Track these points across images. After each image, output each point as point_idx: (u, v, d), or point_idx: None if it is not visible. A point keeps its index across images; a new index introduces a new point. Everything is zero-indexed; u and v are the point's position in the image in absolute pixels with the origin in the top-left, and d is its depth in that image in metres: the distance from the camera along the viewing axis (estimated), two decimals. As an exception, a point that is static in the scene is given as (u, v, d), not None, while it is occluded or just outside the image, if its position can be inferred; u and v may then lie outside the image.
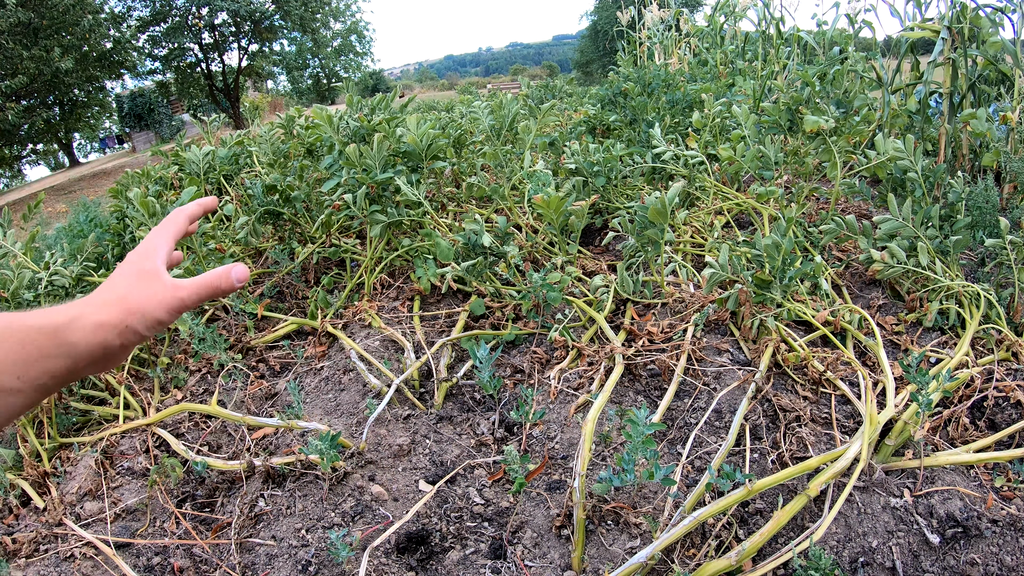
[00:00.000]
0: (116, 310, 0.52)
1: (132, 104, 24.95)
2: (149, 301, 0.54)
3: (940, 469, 1.32)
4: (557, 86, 4.73)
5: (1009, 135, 2.45)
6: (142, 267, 0.57)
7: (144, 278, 0.56)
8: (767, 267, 1.73)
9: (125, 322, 0.52)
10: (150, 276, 0.56)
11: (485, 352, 1.45)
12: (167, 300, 0.55)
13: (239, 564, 1.29)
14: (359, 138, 2.41)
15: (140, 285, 0.55)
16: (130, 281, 0.55)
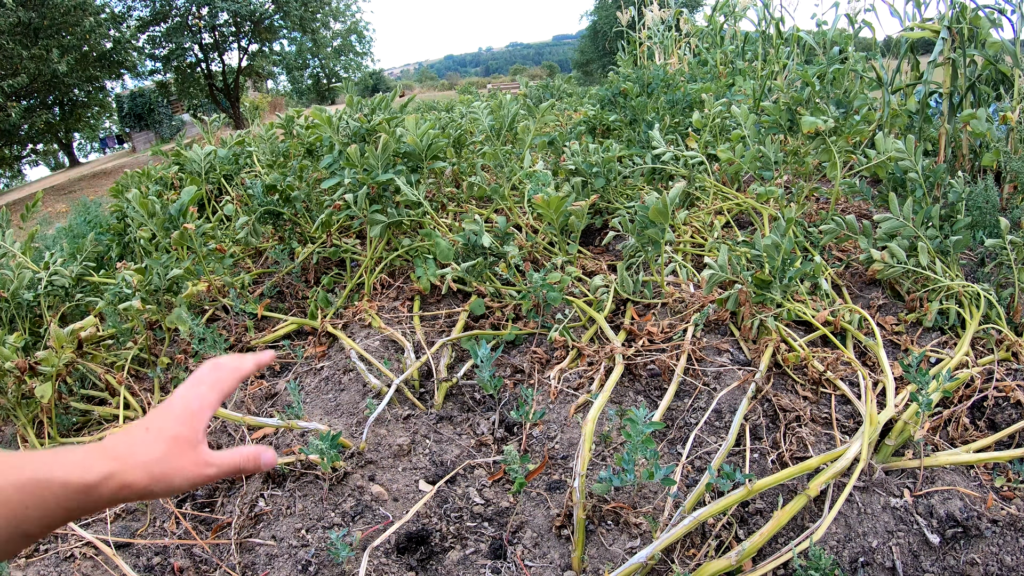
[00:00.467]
0: (144, 476, 0.53)
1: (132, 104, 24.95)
2: (178, 473, 0.54)
3: (940, 469, 1.32)
4: (556, 86, 4.73)
5: (1009, 135, 2.45)
6: (181, 433, 0.56)
7: (180, 446, 0.55)
8: (767, 267, 1.73)
9: (149, 488, 0.53)
10: (186, 447, 0.56)
11: (485, 352, 1.45)
12: (194, 476, 0.56)
13: (239, 564, 1.29)
14: (359, 138, 2.41)
15: (174, 453, 0.55)
16: (166, 446, 0.55)
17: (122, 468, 0.51)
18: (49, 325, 1.86)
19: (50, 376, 1.70)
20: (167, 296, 1.96)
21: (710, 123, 2.66)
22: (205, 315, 2.26)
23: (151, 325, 2.15)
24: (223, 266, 2.18)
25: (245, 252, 2.60)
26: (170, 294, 1.96)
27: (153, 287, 1.91)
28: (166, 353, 2.09)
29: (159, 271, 1.91)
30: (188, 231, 2.03)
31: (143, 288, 1.89)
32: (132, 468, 0.52)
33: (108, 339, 2.14)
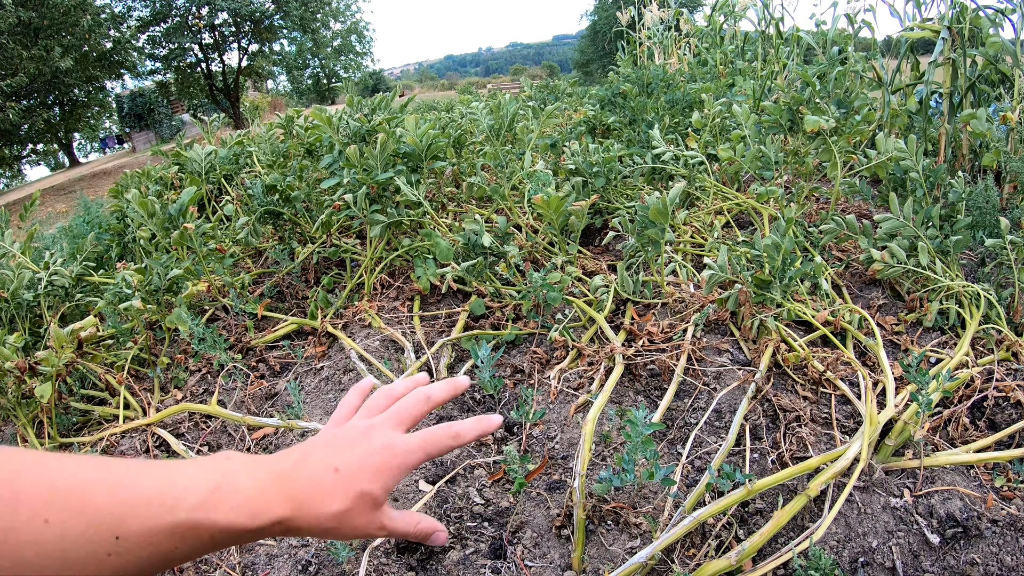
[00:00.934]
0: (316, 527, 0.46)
1: (132, 104, 24.97)
2: (349, 531, 0.48)
3: (940, 469, 1.32)
4: (559, 87, 4.73)
5: (1009, 135, 2.45)
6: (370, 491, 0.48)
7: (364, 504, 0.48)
8: (767, 267, 1.73)
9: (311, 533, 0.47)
10: (371, 506, 0.49)
11: (485, 352, 1.45)
12: (362, 534, 0.50)
13: (239, 564, 1.29)
14: (359, 138, 2.41)
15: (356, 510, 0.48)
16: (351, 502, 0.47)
17: (296, 516, 0.45)
18: (49, 325, 1.86)
19: (50, 376, 1.70)
20: (167, 296, 1.96)
21: (710, 123, 2.66)
22: (205, 315, 2.26)
23: (151, 325, 2.15)
24: (223, 266, 2.18)
25: (245, 252, 2.60)
26: (170, 294, 1.96)
27: (153, 287, 1.91)
28: (166, 353, 2.09)
29: (159, 271, 1.91)
30: (188, 231, 2.03)
31: (143, 288, 1.89)
32: (307, 518, 0.46)
33: (108, 339, 2.14)
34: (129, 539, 0.37)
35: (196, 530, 0.41)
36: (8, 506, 0.34)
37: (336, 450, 0.50)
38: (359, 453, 0.50)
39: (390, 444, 0.51)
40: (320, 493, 0.46)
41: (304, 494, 0.46)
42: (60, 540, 0.35)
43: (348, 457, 0.49)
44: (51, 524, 0.35)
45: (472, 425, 0.58)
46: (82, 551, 0.36)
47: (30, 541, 0.34)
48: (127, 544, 0.37)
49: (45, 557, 0.34)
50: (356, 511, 0.48)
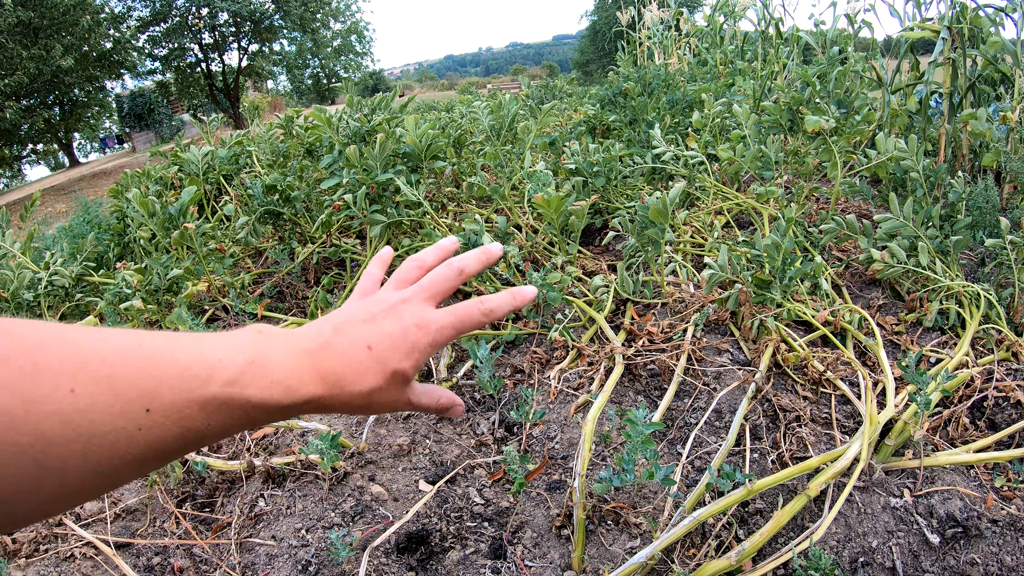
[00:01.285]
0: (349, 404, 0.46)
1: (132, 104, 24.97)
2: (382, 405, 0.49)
3: (940, 469, 1.32)
4: (558, 86, 4.73)
5: (1009, 135, 2.45)
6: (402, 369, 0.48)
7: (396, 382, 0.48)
8: (767, 267, 1.73)
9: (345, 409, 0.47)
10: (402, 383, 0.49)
11: (485, 352, 1.45)
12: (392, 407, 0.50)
13: (239, 564, 1.29)
14: (359, 138, 2.41)
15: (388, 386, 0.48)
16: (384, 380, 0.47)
17: (330, 395, 0.44)
18: (49, 325, 1.85)
19: (50, 376, 1.70)
20: (167, 296, 1.96)
21: (710, 123, 2.66)
22: (205, 315, 2.26)
23: (151, 325, 2.15)
24: (223, 266, 2.18)
25: (245, 252, 2.60)
26: (170, 294, 1.96)
27: (153, 287, 1.91)
28: (166, 353, 2.08)
29: (159, 271, 1.91)
30: (188, 231, 2.03)
31: (143, 288, 1.89)
32: (340, 396, 0.45)
33: (108, 339, 2.13)
34: (160, 412, 0.36)
35: (229, 405, 0.39)
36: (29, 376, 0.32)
37: (369, 326, 0.49)
38: (392, 330, 0.49)
39: (423, 322, 0.50)
40: (354, 372, 0.46)
41: (338, 374, 0.45)
42: (87, 412, 0.33)
43: (381, 334, 0.48)
44: (77, 395, 0.33)
45: (504, 300, 0.57)
46: (111, 424, 0.34)
47: (54, 411, 0.32)
48: (158, 418, 0.35)
49: (71, 429, 0.32)
50: (387, 389, 0.48)
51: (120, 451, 0.34)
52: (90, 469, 0.33)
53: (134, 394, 0.35)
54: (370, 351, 0.47)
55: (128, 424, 0.34)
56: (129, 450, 0.35)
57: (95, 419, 0.33)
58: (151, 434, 0.35)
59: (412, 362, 0.49)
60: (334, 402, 0.45)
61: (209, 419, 0.38)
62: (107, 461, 0.34)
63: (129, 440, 0.34)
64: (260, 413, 0.41)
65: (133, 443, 0.35)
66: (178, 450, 0.38)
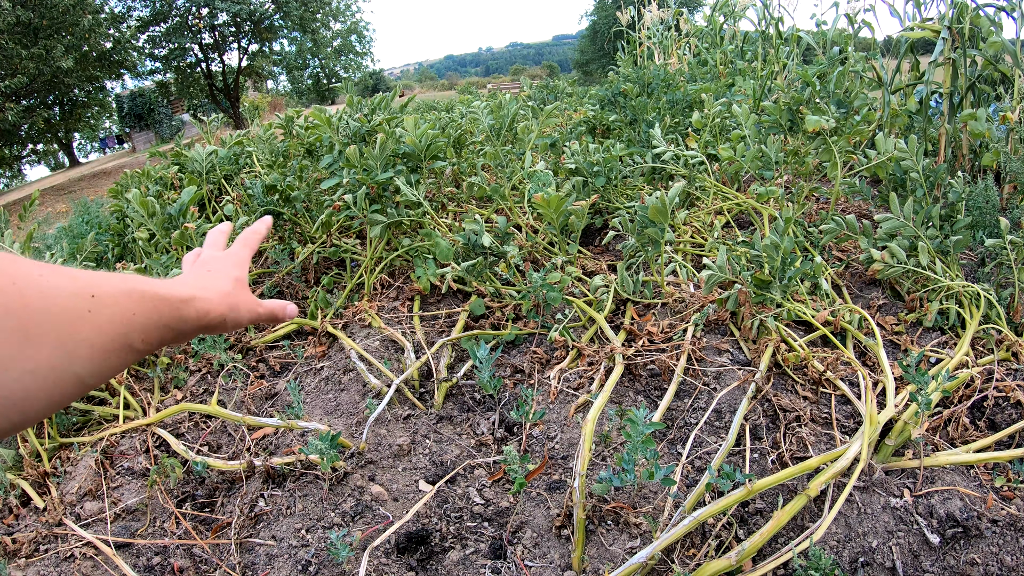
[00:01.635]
0: (220, 304, 0.59)
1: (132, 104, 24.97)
2: (243, 305, 0.62)
3: (940, 469, 1.32)
4: (559, 86, 4.73)
5: (1009, 135, 2.45)
6: (238, 275, 0.65)
7: (239, 285, 0.64)
8: (767, 267, 1.73)
9: (224, 315, 0.59)
10: (243, 285, 0.64)
11: (485, 352, 1.45)
12: (253, 310, 0.64)
13: (239, 564, 1.29)
14: (359, 138, 2.41)
15: (238, 289, 0.63)
16: (232, 283, 0.63)
17: (203, 295, 0.57)
18: (49, 325, 1.85)
19: (50, 376, 1.70)
20: (167, 296, 1.95)
21: (710, 123, 2.65)
22: (205, 315, 2.25)
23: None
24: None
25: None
26: (170, 294, 1.95)
27: (153, 287, 1.90)
28: (166, 353, 2.09)
29: (159, 271, 1.91)
30: (189, 230, 2.03)
31: (143, 288, 1.89)
32: (210, 296, 0.58)
33: (108, 339, 2.13)
34: (101, 298, 0.45)
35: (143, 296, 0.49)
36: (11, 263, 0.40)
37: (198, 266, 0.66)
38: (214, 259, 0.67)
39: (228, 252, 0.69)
40: (211, 281, 0.61)
41: (201, 283, 0.60)
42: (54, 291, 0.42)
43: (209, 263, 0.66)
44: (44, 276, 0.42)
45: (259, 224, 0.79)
46: (70, 302, 0.43)
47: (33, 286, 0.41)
48: (100, 303, 0.45)
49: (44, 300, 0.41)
50: (239, 289, 0.62)
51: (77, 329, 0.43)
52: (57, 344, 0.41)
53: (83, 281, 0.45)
54: (210, 272, 0.64)
55: (80, 304, 0.44)
56: (84, 329, 0.43)
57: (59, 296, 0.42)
58: (97, 318, 0.44)
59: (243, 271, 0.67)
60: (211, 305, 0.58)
61: (135, 308, 0.48)
62: (68, 338, 0.42)
63: (82, 320, 0.43)
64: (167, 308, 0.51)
65: (85, 323, 0.43)
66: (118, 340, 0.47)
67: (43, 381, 0.41)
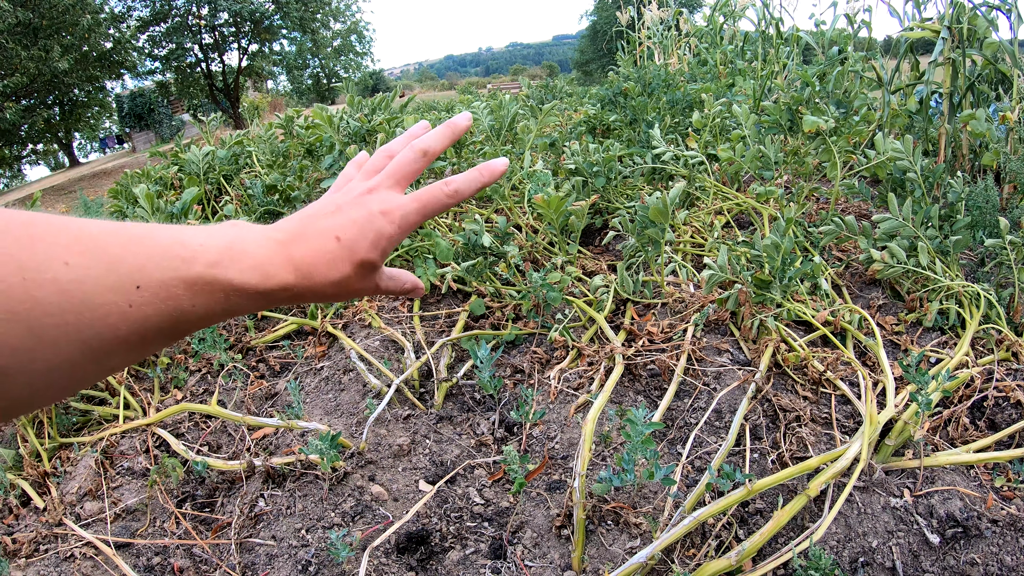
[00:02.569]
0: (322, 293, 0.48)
1: (132, 104, 24.98)
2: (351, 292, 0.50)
3: (940, 469, 1.32)
4: (558, 86, 4.73)
5: (1008, 135, 2.45)
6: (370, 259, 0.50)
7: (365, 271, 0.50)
8: (767, 267, 1.73)
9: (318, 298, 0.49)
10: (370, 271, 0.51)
11: (485, 352, 1.45)
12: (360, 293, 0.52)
13: (239, 564, 1.29)
14: (359, 138, 2.41)
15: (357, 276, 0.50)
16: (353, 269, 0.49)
17: (303, 284, 0.46)
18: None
19: (50, 376, 1.70)
20: (167, 296, 1.95)
21: (710, 123, 2.66)
22: (205, 315, 2.26)
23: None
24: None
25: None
26: (170, 294, 1.96)
27: (153, 287, 1.90)
28: (166, 353, 2.09)
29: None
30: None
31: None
32: (311, 286, 0.46)
33: (108, 339, 2.13)
34: (149, 290, 0.37)
35: (212, 286, 0.40)
36: (26, 247, 0.32)
37: (336, 217, 0.50)
38: (358, 218, 0.50)
39: (387, 209, 0.51)
40: (323, 264, 0.47)
41: (308, 265, 0.47)
42: (81, 283, 0.34)
43: (348, 223, 0.49)
44: (71, 267, 0.33)
45: (472, 177, 0.56)
46: (103, 298, 0.35)
47: (50, 280, 0.32)
48: (147, 295, 0.37)
49: (66, 299, 0.33)
50: (356, 278, 0.49)
51: (111, 327, 0.35)
52: (82, 344, 0.34)
53: (125, 270, 0.36)
54: (338, 241, 0.48)
55: (120, 299, 0.35)
56: (120, 327, 0.35)
57: (88, 291, 0.34)
58: (141, 312, 0.36)
59: (380, 250, 0.50)
60: (306, 291, 0.46)
61: (194, 300, 0.39)
62: (98, 337, 0.34)
63: (120, 316, 0.35)
64: (239, 297, 0.42)
65: (124, 319, 0.35)
66: (163, 333, 0.39)
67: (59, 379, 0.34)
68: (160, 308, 0.37)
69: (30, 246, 0.32)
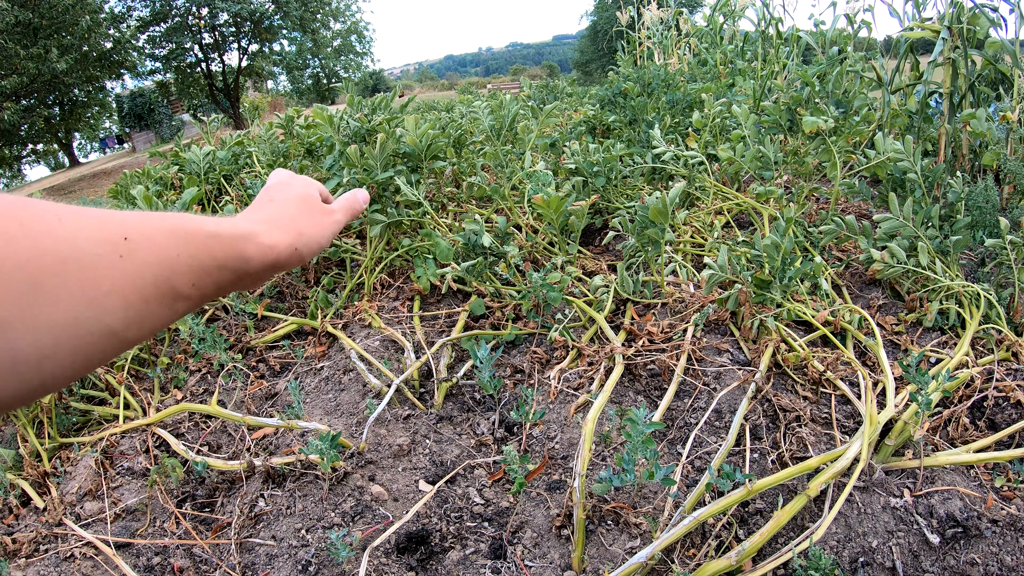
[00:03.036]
0: (286, 233, 0.54)
1: (132, 104, 24.99)
2: (315, 227, 0.57)
3: (940, 469, 1.32)
4: (558, 86, 4.73)
5: (1009, 135, 2.45)
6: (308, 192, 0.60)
7: (309, 203, 0.59)
8: (767, 267, 1.73)
9: (295, 245, 0.54)
10: (315, 202, 0.60)
11: (485, 352, 1.45)
12: (329, 226, 0.59)
13: (239, 564, 1.29)
14: (359, 138, 2.41)
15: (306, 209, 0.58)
16: (296, 207, 0.58)
17: (264, 228, 0.51)
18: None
19: (50, 376, 1.70)
20: (167, 296, 1.95)
21: (710, 123, 2.66)
22: (205, 315, 2.26)
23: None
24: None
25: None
26: (170, 294, 1.96)
27: (153, 287, 1.90)
28: (166, 353, 2.09)
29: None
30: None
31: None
32: (273, 228, 0.52)
33: (108, 339, 2.13)
34: (136, 240, 0.39)
35: (189, 233, 0.43)
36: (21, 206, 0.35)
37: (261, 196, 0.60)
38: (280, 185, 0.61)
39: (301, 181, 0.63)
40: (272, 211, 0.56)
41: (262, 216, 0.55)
42: (74, 236, 0.36)
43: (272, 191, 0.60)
44: (63, 221, 0.36)
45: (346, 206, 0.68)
46: (95, 249, 0.37)
47: (46, 232, 0.35)
48: (134, 245, 0.39)
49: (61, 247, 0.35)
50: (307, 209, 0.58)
51: (107, 278, 0.37)
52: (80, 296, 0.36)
53: (114, 224, 0.39)
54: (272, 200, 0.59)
55: (110, 251, 0.38)
56: (115, 277, 0.38)
57: (81, 243, 0.36)
58: (131, 264, 0.39)
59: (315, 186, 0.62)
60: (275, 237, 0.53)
61: (179, 249, 0.42)
62: (93, 288, 0.37)
63: (112, 267, 0.38)
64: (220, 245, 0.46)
65: (117, 270, 0.38)
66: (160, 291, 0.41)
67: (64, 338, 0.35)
68: (148, 259, 0.40)
69: (25, 206, 0.35)
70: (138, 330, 0.40)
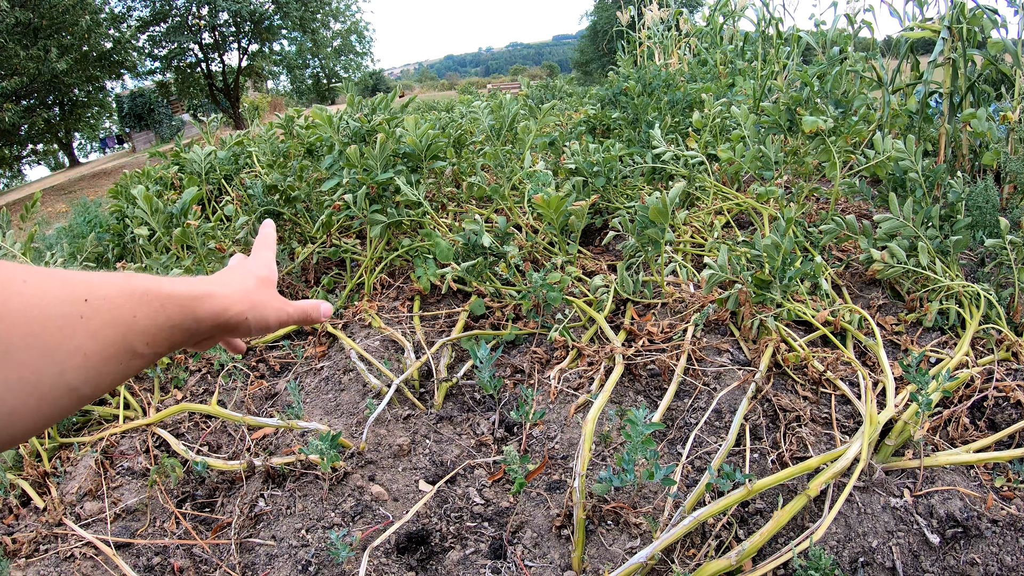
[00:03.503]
0: (241, 302, 0.55)
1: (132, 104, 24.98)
2: (268, 306, 0.58)
3: (940, 469, 1.32)
4: (557, 86, 4.73)
5: (1009, 135, 2.45)
6: (265, 275, 0.61)
7: (263, 285, 0.60)
8: (767, 267, 1.73)
9: (245, 314, 0.55)
10: (268, 285, 0.61)
11: (485, 352, 1.45)
12: (280, 311, 0.60)
13: (239, 564, 1.29)
14: (359, 138, 2.41)
15: (262, 288, 0.59)
16: (255, 282, 0.59)
17: (222, 291, 0.53)
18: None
19: (50, 376, 1.70)
20: (167, 296, 1.95)
21: (710, 123, 2.65)
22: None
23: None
24: (223, 265, 2.18)
25: (245, 251, 2.60)
26: (170, 294, 1.96)
27: (153, 287, 1.90)
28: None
29: (159, 271, 1.91)
30: (190, 227, 2.03)
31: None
32: (231, 293, 0.54)
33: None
34: (96, 302, 0.42)
35: (147, 295, 0.45)
36: None
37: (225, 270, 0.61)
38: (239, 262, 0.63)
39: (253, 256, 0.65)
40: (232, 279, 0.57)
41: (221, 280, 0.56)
42: (40, 298, 0.39)
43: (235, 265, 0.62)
44: (29, 283, 0.39)
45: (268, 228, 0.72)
46: (59, 310, 0.39)
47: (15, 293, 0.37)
48: (95, 307, 0.41)
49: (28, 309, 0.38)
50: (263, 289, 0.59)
51: (69, 337, 0.40)
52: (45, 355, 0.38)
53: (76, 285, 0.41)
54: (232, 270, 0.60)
55: (72, 310, 0.40)
56: (77, 337, 0.40)
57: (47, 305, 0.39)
58: (91, 324, 0.41)
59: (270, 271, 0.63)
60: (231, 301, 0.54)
61: (135, 310, 0.44)
62: (56, 348, 0.39)
63: (74, 328, 0.40)
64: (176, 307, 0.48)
65: (78, 330, 0.40)
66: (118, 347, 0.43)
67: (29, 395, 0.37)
68: (107, 319, 0.42)
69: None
70: (95, 387, 0.42)
